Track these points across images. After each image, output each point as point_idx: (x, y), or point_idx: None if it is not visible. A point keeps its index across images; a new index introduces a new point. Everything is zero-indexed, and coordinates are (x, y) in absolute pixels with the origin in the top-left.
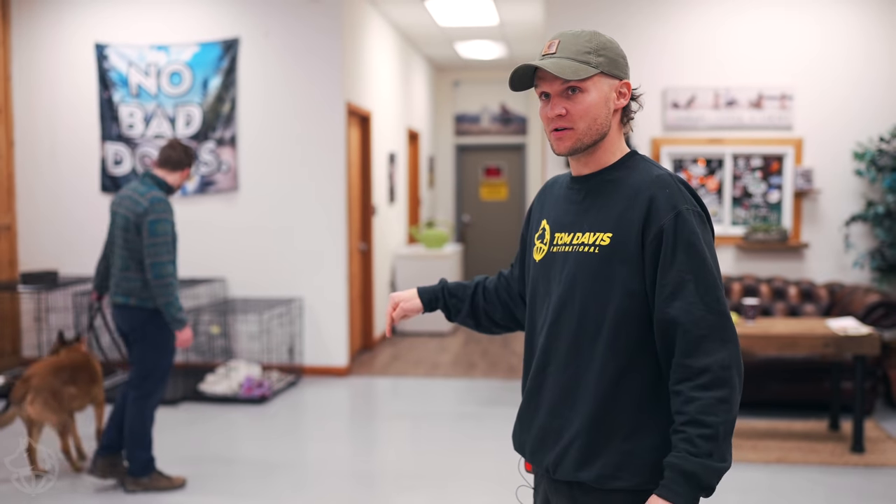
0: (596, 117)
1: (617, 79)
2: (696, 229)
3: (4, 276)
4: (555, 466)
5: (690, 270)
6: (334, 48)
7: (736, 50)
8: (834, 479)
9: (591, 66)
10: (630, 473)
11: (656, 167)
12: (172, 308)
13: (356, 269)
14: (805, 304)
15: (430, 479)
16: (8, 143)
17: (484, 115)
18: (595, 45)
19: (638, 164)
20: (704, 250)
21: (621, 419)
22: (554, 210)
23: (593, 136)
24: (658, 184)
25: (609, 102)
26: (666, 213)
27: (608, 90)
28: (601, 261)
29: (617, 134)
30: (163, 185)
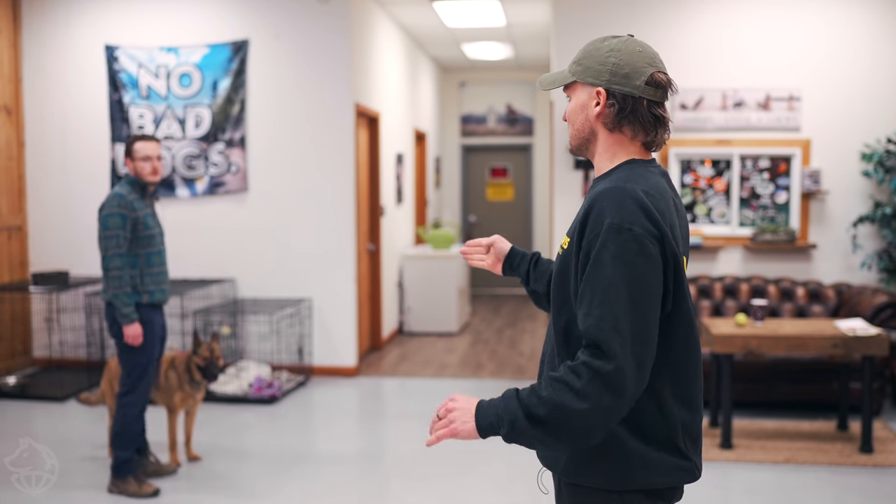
0: (573, 122)
1: (592, 86)
2: (613, 245)
3: (15, 277)
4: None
5: (591, 284)
6: (343, 49)
7: (743, 51)
8: (842, 479)
9: (568, 74)
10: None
11: (625, 180)
12: (118, 301)
13: (364, 269)
14: (813, 305)
15: (439, 478)
16: (18, 144)
17: (490, 115)
18: (582, 52)
19: (614, 176)
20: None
21: None
22: None
23: (577, 140)
24: (603, 195)
25: (586, 109)
26: (594, 225)
27: (586, 98)
28: (562, 263)
29: (610, 140)
30: (134, 182)
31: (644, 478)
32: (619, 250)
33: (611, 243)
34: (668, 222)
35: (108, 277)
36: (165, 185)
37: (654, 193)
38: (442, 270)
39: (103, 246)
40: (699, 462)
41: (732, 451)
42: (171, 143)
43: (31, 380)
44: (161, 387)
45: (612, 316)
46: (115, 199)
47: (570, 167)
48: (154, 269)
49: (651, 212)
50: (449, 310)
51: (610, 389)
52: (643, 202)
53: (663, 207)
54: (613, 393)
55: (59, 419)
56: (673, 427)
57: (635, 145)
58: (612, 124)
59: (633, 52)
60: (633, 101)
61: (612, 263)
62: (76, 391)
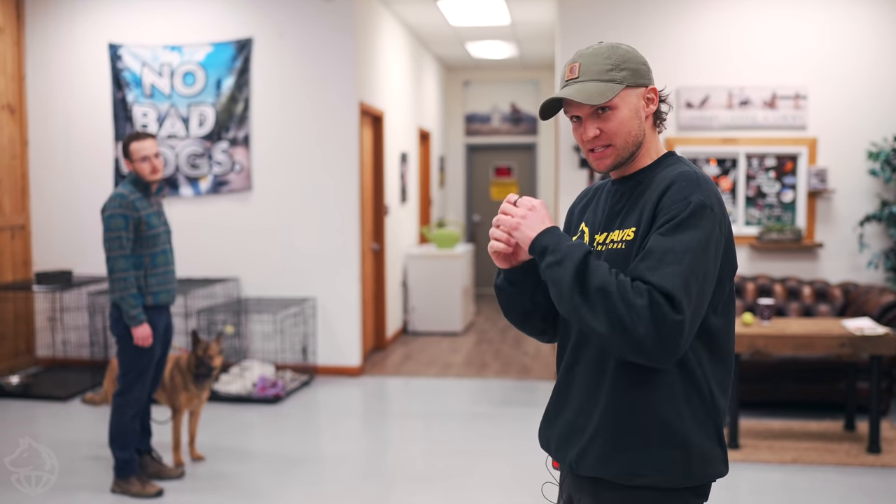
0: (630, 130)
1: (643, 86)
2: (694, 219)
3: (19, 276)
4: (578, 462)
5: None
6: (347, 48)
7: (749, 50)
8: (850, 479)
9: (617, 83)
10: (655, 470)
11: (686, 165)
12: (125, 304)
13: (369, 269)
14: (819, 305)
15: (443, 478)
16: (22, 142)
17: (494, 114)
18: (616, 59)
19: (672, 163)
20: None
21: (647, 416)
22: (593, 213)
23: (631, 147)
24: (677, 178)
25: (640, 112)
26: (675, 203)
27: (636, 100)
28: (626, 255)
29: (652, 137)
30: (137, 181)
31: (701, 473)
32: (704, 226)
33: (696, 218)
34: None
35: (113, 279)
36: (169, 184)
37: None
38: (446, 270)
39: (107, 247)
40: None
41: (739, 451)
42: (174, 142)
43: (34, 379)
44: (166, 387)
45: (686, 277)
46: (117, 200)
47: (575, 166)
48: (159, 269)
49: (722, 199)
50: (453, 309)
51: (663, 332)
52: (718, 192)
53: None
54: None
55: (62, 419)
56: (721, 418)
57: (658, 138)
58: (657, 120)
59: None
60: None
61: (695, 235)
62: (79, 391)
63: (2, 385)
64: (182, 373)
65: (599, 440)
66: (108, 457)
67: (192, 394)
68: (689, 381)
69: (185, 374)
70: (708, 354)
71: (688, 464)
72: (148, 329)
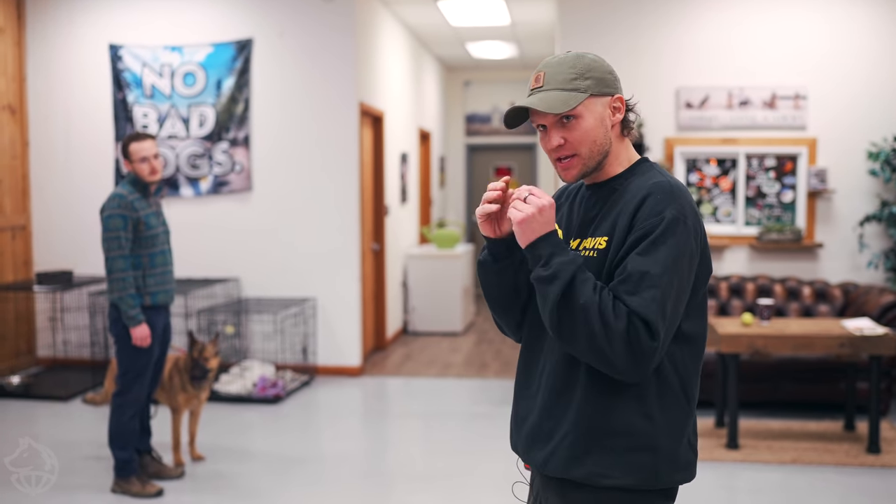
0: (595, 139)
1: (609, 95)
2: (672, 235)
3: (20, 276)
4: (545, 463)
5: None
6: (347, 48)
7: (749, 50)
8: (849, 479)
9: (580, 92)
10: (622, 472)
11: (660, 174)
12: (123, 304)
13: (369, 269)
14: (819, 305)
15: (443, 478)
16: (22, 143)
17: (494, 115)
18: (580, 68)
19: (644, 171)
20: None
21: (616, 419)
22: (567, 217)
23: (597, 157)
24: (652, 189)
25: (605, 121)
26: (650, 217)
27: (602, 109)
28: (598, 264)
29: (619, 145)
30: (136, 181)
31: (669, 477)
32: (676, 242)
33: (671, 234)
34: None
35: (112, 280)
36: (169, 185)
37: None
38: (446, 270)
39: (105, 247)
40: None
41: (738, 452)
42: (175, 143)
43: (34, 379)
44: (165, 387)
45: (663, 301)
46: (115, 200)
47: None
48: (157, 269)
49: (696, 209)
50: (453, 309)
51: (636, 357)
52: (692, 200)
53: None
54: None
55: (62, 419)
56: (692, 423)
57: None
58: (623, 129)
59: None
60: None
61: (670, 253)
62: (80, 391)
63: (3, 385)
64: (181, 373)
65: (567, 442)
66: (108, 457)
67: (190, 394)
68: (663, 384)
69: (183, 375)
70: (681, 357)
71: (655, 467)
72: (146, 329)
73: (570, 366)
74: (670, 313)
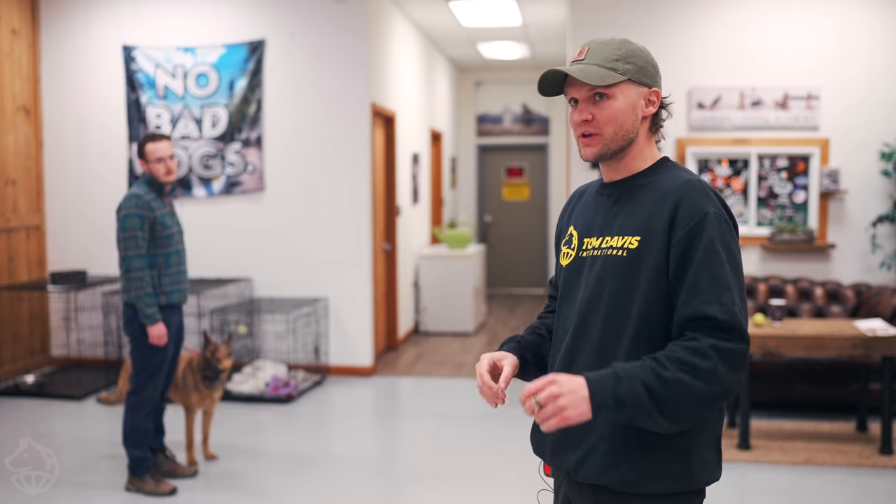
0: (622, 123)
1: (646, 86)
2: (719, 233)
3: (34, 276)
4: (577, 469)
5: (709, 271)
6: (359, 49)
7: (761, 50)
8: (862, 480)
9: (619, 73)
10: (657, 479)
11: (686, 172)
12: (141, 303)
13: (380, 269)
14: (831, 305)
15: (455, 478)
16: (37, 143)
17: (506, 115)
18: (624, 52)
19: (668, 169)
20: (724, 254)
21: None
22: (582, 216)
23: (620, 142)
24: (686, 188)
25: (636, 110)
26: (692, 217)
27: (636, 97)
28: (628, 263)
29: (646, 141)
30: (151, 181)
31: (700, 478)
32: (724, 238)
33: (718, 232)
34: None
35: (129, 279)
36: (182, 185)
37: None
38: (458, 270)
39: (122, 247)
40: None
41: (750, 452)
42: (187, 143)
43: (49, 378)
44: (178, 386)
45: (737, 300)
46: (132, 200)
47: (587, 167)
48: (172, 269)
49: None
50: (465, 309)
51: (740, 369)
52: (721, 195)
53: None
54: (741, 372)
55: (76, 418)
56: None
57: (654, 144)
58: (653, 125)
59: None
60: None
61: (723, 251)
62: (94, 390)
63: (17, 384)
64: (194, 373)
65: (601, 449)
66: (122, 455)
67: (203, 394)
68: None
69: (196, 375)
70: None
71: (690, 473)
72: (163, 328)
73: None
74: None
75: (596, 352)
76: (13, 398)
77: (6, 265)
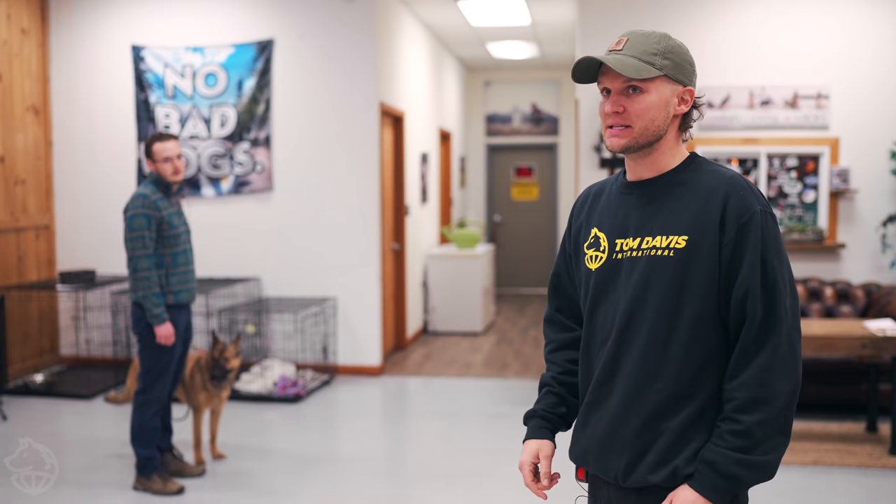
0: (654, 119)
1: (681, 84)
2: (770, 231)
3: (43, 276)
4: (626, 475)
5: (763, 271)
6: (368, 48)
7: (771, 49)
8: (871, 481)
9: (655, 68)
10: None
11: (724, 168)
12: (148, 303)
13: (389, 269)
14: (841, 305)
15: (463, 478)
16: (46, 143)
17: (515, 115)
18: (663, 47)
19: (703, 165)
20: (777, 253)
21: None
22: (608, 217)
23: (648, 137)
24: (732, 184)
25: (669, 107)
26: (743, 214)
27: (669, 94)
28: (677, 263)
29: (675, 139)
30: (158, 181)
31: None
32: (777, 237)
33: (771, 231)
34: None
35: (136, 279)
36: (191, 185)
37: None
38: (466, 270)
39: (129, 247)
40: None
41: None
42: (196, 143)
43: (58, 378)
44: (186, 386)
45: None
46: (139, 200)
47: (596, 166)
48: (179, 268)
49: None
50: (473, 309)
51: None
52: (758, 189)
53: None
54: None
55: (85, 417)
56: None
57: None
58: (684, 124)
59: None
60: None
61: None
62: (103, 389)
63: (26, 383)
64: (202, 372)
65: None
66: (130, 454)
67: (211, 393)
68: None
69: (204, 374)
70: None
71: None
72: (171, 328)
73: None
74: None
75: (643, 355)
76: (22, 397)
77: (15, 265)
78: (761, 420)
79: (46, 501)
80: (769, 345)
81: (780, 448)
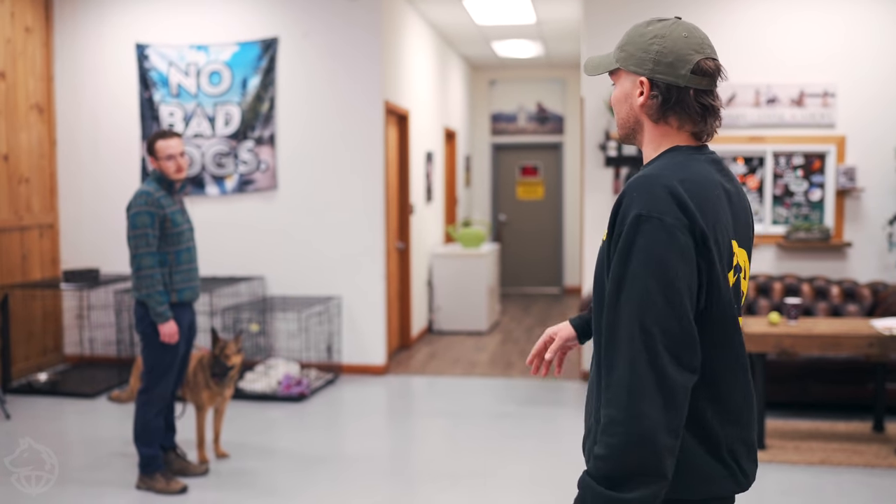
0: (619, 111)
1: (636, 74)
2: (638, 238)
3: (47, 274)
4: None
5: (616, 278)
6: (372, 47)
7: (777, 47)
8: (878, 480)
9: (613, 61)
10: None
11: (659, 168)
12: (152, 301)
13: (394, 267)
14: (848, 304)
15: (468, 478)
16: (50, 142)
17: (520, 113)
18: (624, 38)
19: (656, 163)
20: (635, 260)
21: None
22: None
23: (625, 129)
24: (630, 186)
25: (629, 98)
26: (624, 219)
27: (630, 87)
28: (598, 262)
29: (656, 131)
30: (161, 179)
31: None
32: (648, 245)
33: (640, 238)
34: (708, 212)
35: (140, 277)
36: (195, 183)
37: (692, 182)
38: (471, 269)
39: (133, 245)
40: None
41: (766, 452)
42: (200, 141)
43: (62, 376)
44: (189, 384)
45: (632, 315)
46: (142, 198)
47: (601, 165)
48: (183, 266)
49: (683, 200)
50: (478, 308)
51: (633, 389)
52: (675, 190)
53: (702, 197)
54: (639, 389)
55: (89, 416)
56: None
57: (683, 135)
58: (656, 115)
59: (678, 38)
60: (679, 91)
61: (636, 259)
62: (106, 388)
63: (30, 382)
64: (205, 371)
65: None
66: (133, 453)
67: (214, 392)
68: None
69: (207, 372)
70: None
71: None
72: (174, 326)
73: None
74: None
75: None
76: (26, 396)
77: (19, 263)
78: (616, 443)
79: (50, 500)
80: (613, 357)
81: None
